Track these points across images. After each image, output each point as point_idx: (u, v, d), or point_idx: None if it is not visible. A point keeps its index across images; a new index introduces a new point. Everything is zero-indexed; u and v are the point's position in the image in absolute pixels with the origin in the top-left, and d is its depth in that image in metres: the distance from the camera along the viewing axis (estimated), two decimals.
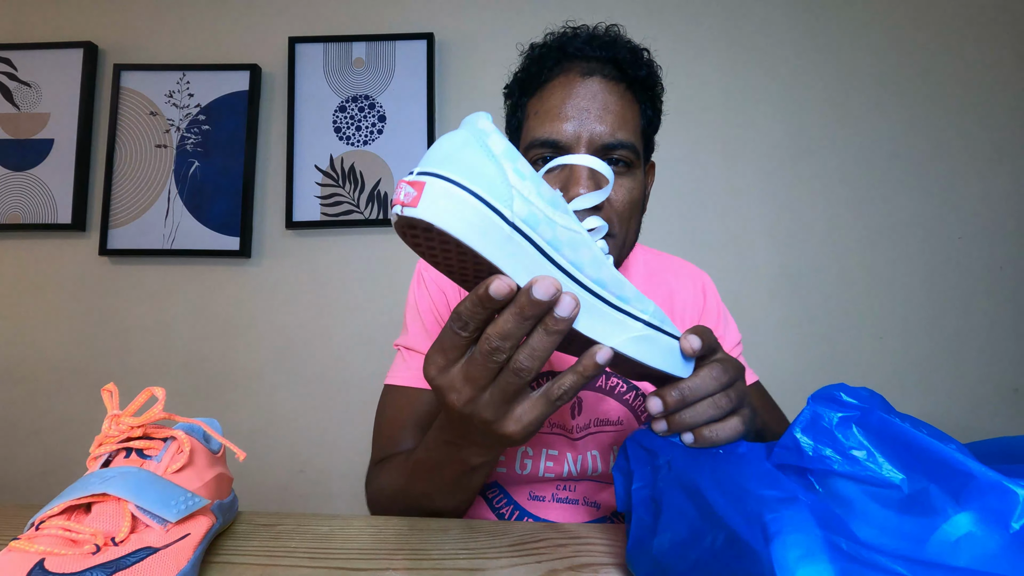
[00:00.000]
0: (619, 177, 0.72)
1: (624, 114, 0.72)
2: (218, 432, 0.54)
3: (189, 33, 1.73)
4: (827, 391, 0.40)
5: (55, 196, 1.66)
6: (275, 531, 0.55)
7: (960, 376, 1.60)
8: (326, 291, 1.66)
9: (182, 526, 0.43)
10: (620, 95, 0.73)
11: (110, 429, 0.46)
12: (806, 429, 0.39)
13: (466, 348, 0.42)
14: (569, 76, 0.73)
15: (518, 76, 0.79)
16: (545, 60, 0.75)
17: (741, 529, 0.30)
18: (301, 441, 1.62)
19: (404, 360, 0.82)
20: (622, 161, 0.71)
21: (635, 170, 0.73)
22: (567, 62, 0.74)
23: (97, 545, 0.37)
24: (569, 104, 0.71)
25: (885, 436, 0.36)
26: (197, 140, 1.67)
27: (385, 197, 1.62)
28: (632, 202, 0.73)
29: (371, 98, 1.66)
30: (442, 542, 0.53)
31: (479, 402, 0.43)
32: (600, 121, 0.70)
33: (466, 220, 0.36)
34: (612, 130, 0.70)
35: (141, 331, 1.66)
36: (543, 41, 0.78)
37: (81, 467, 0.40)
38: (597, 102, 0.71)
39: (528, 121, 0.76)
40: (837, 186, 1.64)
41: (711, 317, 0.87)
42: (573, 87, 0.72)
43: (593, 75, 0.72)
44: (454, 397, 0.43)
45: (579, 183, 0.66)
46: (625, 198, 0.72)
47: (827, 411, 0.39)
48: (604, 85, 0.72)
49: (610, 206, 0.71)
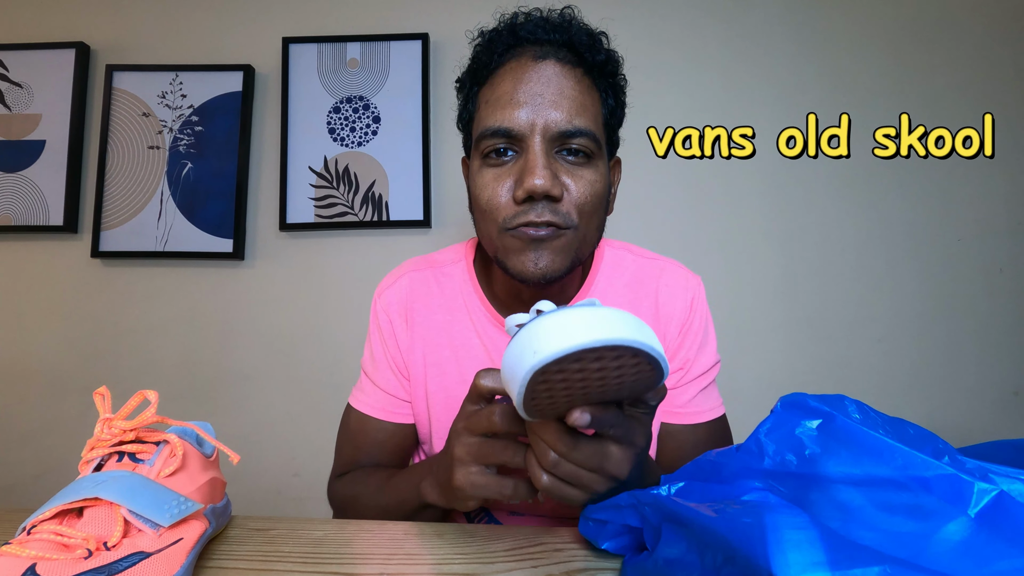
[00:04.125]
0: (579, 168, 0.67)
1: (582, 100, 0.68)
2: (211, 435, 0.54)
3: (182, 33, 1.72)
4: (796, 396, 0.41)
5: (47, 198, 1.65)
6: (269, 535, 0.54)
7: (959, 379, 1.60)
8: (320, 293, 1.65)
9: (175, 530, 0.42)
10: (577, 80, 0.68)
11: (102, 433, 0.46)
12: (769, 432, 0.40)
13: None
14: (521, 60, 0.68)
15: (469, 66, 0.76)
16: (495, 45, 0.71)
17: (741, 543, 0.31)
18: (295, 445, 1.62)
19: (363, 389, 0.86)
20: (581, 151, 0.67)
21: (597, 161, 0.69)
22: (519, 47, 0.70)
23: (89, 550, 0.37)
24: (521, 89, 0.66)
25: (846, 440, 0.36)
26: (190, 141, 1.66)
27: (379, 199, 1.62)
28: (595, 195, 0.68)
29: (365, 99, 1.65)
30: (437, 547, 0.52)
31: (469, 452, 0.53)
32: (555, 107, 0.65)
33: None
34: (569, 116, 0.65)
35: (134, 334, 1.65)
36: (493, 26, 0.74)
37: (73, 471, 0.40)
38: (552, 87, 0.66)
39: (479, 111, 0.71)
40: (835, 187, 1.64)
41: (692, 335, 0.81)
42: (525, 71, 0.67)
43: (547, 58, 0.68)
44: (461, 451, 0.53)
45: (534, 172, 0.63)
46: (587, 190, 0.67)
47: (792, 416, 0.39)
48: (559, 69, 0.67)
49: (570, 197, 0.66)
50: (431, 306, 0.82)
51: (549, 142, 0.66)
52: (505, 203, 0.67)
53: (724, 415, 0.83)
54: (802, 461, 0.36)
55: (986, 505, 0.29)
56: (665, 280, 0.82)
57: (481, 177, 0.69)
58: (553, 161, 0.66)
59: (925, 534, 0.30)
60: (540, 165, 0.64)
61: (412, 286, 0.84)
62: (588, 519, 0.50)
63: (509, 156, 0.68)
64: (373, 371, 0.84)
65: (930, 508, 0.30)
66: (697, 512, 0.35)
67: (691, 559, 0.35)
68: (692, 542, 0.36)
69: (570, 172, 0.67)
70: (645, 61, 1.65)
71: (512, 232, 0.67)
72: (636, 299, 0.81)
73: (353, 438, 0.84)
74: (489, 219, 0.69)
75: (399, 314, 0.83)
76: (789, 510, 0.30)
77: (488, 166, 0.69)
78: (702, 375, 0.80)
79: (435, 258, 0.87)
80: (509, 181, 0.67)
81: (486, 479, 0.52)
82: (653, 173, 1.63)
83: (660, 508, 0.40)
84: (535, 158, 0.64)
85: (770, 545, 0.28)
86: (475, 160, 0.71)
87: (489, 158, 0.68)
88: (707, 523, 0.34)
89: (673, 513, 0.38)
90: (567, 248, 0.68)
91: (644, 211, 1.63)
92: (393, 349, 0.83)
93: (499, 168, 0.68)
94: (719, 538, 0.32)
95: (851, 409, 0.38)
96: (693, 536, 0.36)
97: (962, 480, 0.30)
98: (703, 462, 0.43)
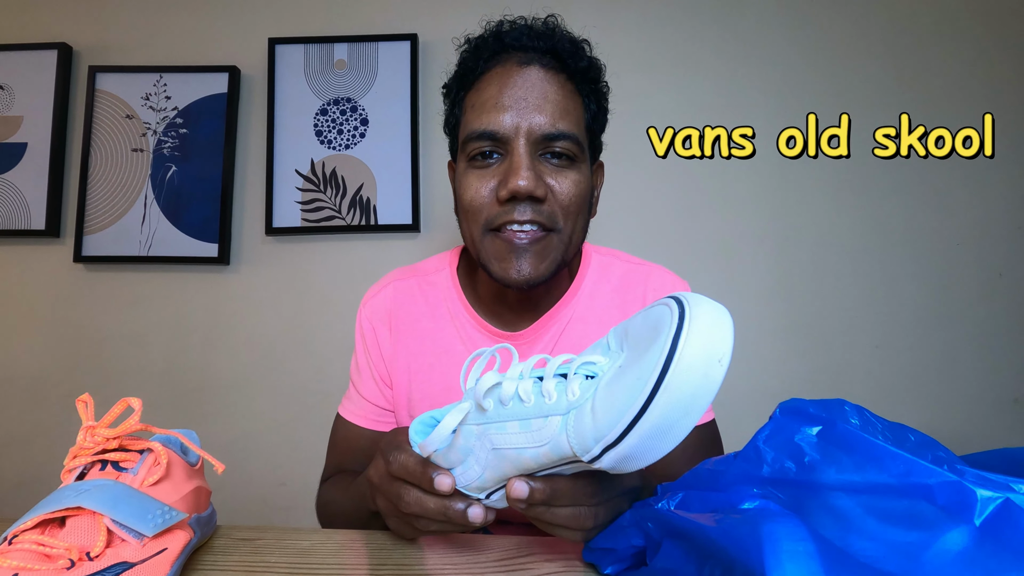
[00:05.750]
0: (562, 170, 0.70)
1: (565, 104, 0.70)
2: (196, 444, 0.53)
3: (166, 34, 1.70)
4: (795, 402, 0.40)
5: (28, 201, 1.62)
6: (255, 545, 0.54)
7: (958, 386, 1.58)
8: (307, 299, 1.64)
9: (159, 540, 0.42)
10: (560, 85, 0.71)
11: (85, 441, 0.45)
12: (768, 439, 0.39)
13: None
14: (506, 66, 0.71)
15: (456, 72, 0.78)
16: (481, 51, 0.74)
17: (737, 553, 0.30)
18: (282, 453, 1.60)
19: (350, 398, 0.87)
20: (565, 154, 0.69)
21: (580, 164, 0.71)
22: (504, 53, 0.72)
23: (72, 560, 0.37)
24: (506, 94, 0.69)
25: (846, 446, 0.36)
26: (174, 144, 1.64)
27: (367, 202, 1.61)
28: (579, 196, 0.70)
29: (353, 100, 1.64)
30: (425, 557, 0.52)
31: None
32: (539, 111, 0.68)
33: None
34: (552, 120, 0.68)
35: (117, 340, 1.63)
36: (479, 33, 0.76)
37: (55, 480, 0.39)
38: (536, 91, 0.69)
39: (465, 115, 0.74)
40: (831, 191, 1.63)
41: None
42: (510, 77, 0.70)
43: (531, 64, 0.70)
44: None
45: (518, 173, 0.65)
46: (571, 191, 0.69)
47: (791, 422, 0.39)
48: (543, 75, 0.70)
49: (554, 199, 0.69)
50: (415, 314, 0.84)
51: (533, 145, 0.68)
52: (488, 203, 0.69)
53: (713, 421, 0.83)
54: (801, 468, 0.36)
55: (991, 514, 0.28)
56: (652, 284, 0.83)
57: (467, 179, 0.71)
58: (537, 163, 0.69)
59: (926, 544, 0.29)
60: (524, 166, 0.66)
61: (397, 295, 0.85)
62: (593, 550, 0.49)
63: (494, 159, 0.70)
64: (358, 380, 0.86)
65: (932, 517, 0.30)
66: (696, 523, 0.35)
67: (688, 571, 0.35)
68: (691, 553, 0.35)
69: (553, 174, 0.69)
70: (645, 61, 1.65)
71: (495, 233, 0.69)
72: (624, 303, 0.82)
73: (339, 446, 0.86)
74: (472, 219, 0.71)
75: (383, 323, 0.84)
76: (787, 520, 0.30)
77: (473, 168, 0.71)
78: None
79: (420, 267, 0.89)
80: (493, 182, 0.69)
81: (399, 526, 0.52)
82: (651, 174, 1.63)
83: (663, 522, 0.40)
84: (519, 160, 0.66)
85: (767, 557, 0.28)
86: (461, 163, 0.74)
87: (475, 160, 0.71)
88: (706, 533, 0.34)
89: (674, 526, 0.38)
90: (551, 251, 0.70)
91: (641, 212, 1.63)
92: (376, 359, 0.84)
93: (484, 170, 0.70)
94: (718, 548, 0.32)
95: (851, 414, 0.38)
96: (692, 547, 0.35)
97: (966, 488, 0.29)
98: (701, 471, 0.43)
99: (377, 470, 0.52)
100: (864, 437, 0.34)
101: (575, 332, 0.79)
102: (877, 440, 0.33)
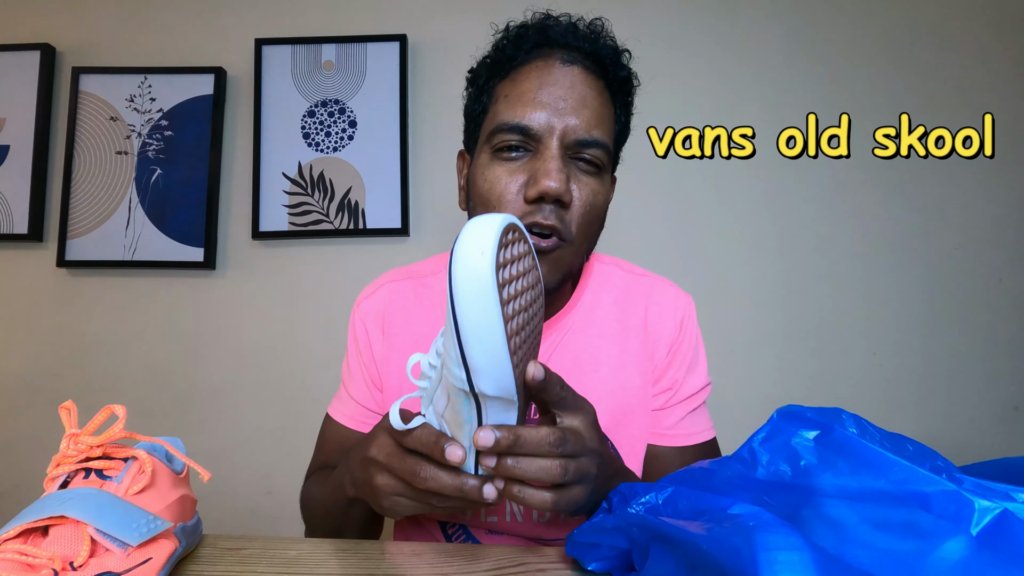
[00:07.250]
0: (588, 178, 0.68)
1: (601, 112, 0.69)
2: (181, 451, 0.53)
3: (151, 35, 1.68)
4: (792, 407, 0.40)
5: (11, 205, 1.60)
6: (241, 555, 0.53)
7: (957, 393, 1.58)
8: (294, 304, 1.63)
9: (144, 550, 0.41)
10: (599, 92, 0.69)
11: (68, 448, 0.45)
12: (764, 442, 0.39)
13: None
14: (548, 61, 0.69)
15: (487, 58, 0.75)
16: (522, 41, 0.71)
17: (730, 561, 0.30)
18: (269, 461, 1.59)
19: (340, 398, 0.86)
20: (594, 162, 0.68)
21: (604, 175, 0.70)
22: (547, 47, 0.70)
23: (55, 570, 0.36)
24: (545, 91, 0.67)
25: (843, 452, 0.36)
26: (159, 147, 1.62)
27: (356, 206, 1.60)
28: (597, 207, 0.69)
29: (341, 102, 1.63)
30: (415, 567, 0.51)
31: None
32: (576, 114, 0.66)
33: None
34: (588, 126, 0.66)
35: (101, 346, 1.61)
36: (522, 21, 0.74)
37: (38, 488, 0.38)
38: (576, 93, 0.67)
39: (496, 104, 0.71)
40: (829, 195, 1.63)
41: (681, 356, 0.79)
42: (551, 73, 0.68)
43: (574, 64, 0.68)
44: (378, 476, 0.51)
45: (550, 174, 0.63)
46: (592, 200, 0.68)
47: (788, 426, 0.39)
48: (584, 78, 0.68)
49: (573, 206, 0.67)
50: (409, 317, 0.82)
51: (565, 147, 0.66)
52: (514, 200, 0.67)
53: (715, 439, 0.81)
54: (796, 472, 0.36)
55: (988, 524, 0.28)
56: (655, 298, 0.82)
57: (491, 171, 0.69)
58: (567, 166, 0.67)
59: (922, 553, 0.29)
60: (556, 168, 0.64)
61: (391, 296, 0.84)
62: (575, 542, 0.49)
63: (520, 153, 0.68)
64: (348, 382, 0.85)
65: (928, 526, 0.29)
66: (685, 531, 0.35)
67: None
68: (681, 562, 0.35)
69: (579, 181, 0.68)
70: (644, 60, 1.63)
71: None
72: (625, 316, 0.80)
73: (326, 445, 0.85)
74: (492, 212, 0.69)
75: (376, 324, 0.83)
76: (781, 529, 0.30)
77: (499, 160, 0.69)
78: (690, 397, 0.79)
79: (416, 269, 0.88)
80: (521, 178, 0.67)
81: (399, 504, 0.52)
82: (650, 174, 1.62)
83: (647, 528, 0.40)
84: (552, 160, 0.65)
85: (761, 567, 0.27)
86: (483, 153, 0.71)
87: (500, 152, 0.68)
88: (696, 542, 0.33)
89: (661, 532, 0.38)
90: (562, 263, 0.69)
91: (640, 212, 1.62)
92: (368, 360, 0.83)
93: (511, 164, 0.68)
94: (709, 559, 0.31)
95: (848, 423, 0.37)
96: (682, 556, 0.35)
97: (964, 497, 0.29)
98: (695, 470, 0.42)
99: (382, 448, 0.51)
100: (862, 443, 0.34)
101: (573, 343, 0.78)
102: (876, 447, 0.33)
